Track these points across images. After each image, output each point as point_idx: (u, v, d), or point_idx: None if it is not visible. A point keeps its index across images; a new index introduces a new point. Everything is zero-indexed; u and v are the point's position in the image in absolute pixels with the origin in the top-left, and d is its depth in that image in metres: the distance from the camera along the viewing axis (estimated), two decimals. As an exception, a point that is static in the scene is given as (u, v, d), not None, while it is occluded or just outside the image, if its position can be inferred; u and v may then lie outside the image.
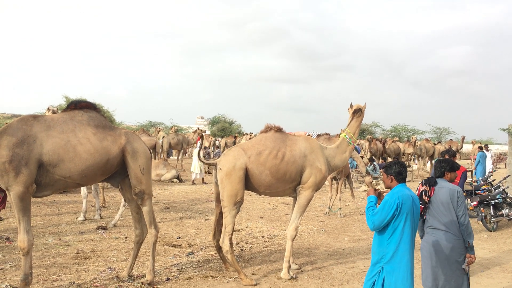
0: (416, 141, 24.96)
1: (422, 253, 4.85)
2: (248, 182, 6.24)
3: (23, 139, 4.97)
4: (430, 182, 4.81)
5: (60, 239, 8.15)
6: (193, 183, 17.82)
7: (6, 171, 4.86)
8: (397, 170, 4.34)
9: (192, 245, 8.02)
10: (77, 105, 5.63)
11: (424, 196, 4.75)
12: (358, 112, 6.98)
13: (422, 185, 4.82)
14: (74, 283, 5.80)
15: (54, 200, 12.40)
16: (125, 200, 6.28)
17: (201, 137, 17.11)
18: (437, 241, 4.70)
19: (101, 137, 5.43)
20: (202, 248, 7.82)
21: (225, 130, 46.80)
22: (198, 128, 30.39)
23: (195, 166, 17.85)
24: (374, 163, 18.90)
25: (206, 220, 10.50)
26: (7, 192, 5.07)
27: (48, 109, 9.50)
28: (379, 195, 4.45)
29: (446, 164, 4.94)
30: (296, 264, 6.91)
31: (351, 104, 7.11)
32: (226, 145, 27.69)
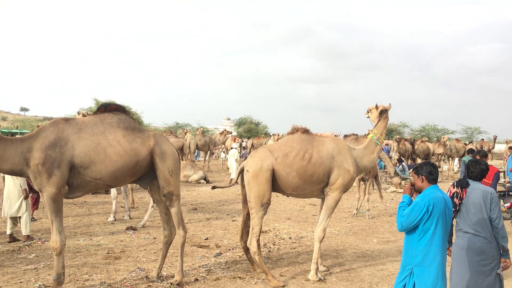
0: (446, 141, 24.45)
1: (452, 257, 4.73)
2: (275, 184, 6.23)
3: (55, 141, 5.08)
4: (462, 184, 4.68)
5: (91, 239, 8.31)
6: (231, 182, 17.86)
7: (39, 173, 4.98)
8: (428, 170, 4.25)
9: (220, 246, 8.05)
10: (107, 108, 5.74)
11: (455, 199, 4.63)
12: (384, 113, 6.94)
13: (454, 187, 4.69)
14: (105, 283, 5.91)
15: (85, 201, 12.66)
16: (153, 201, 6.36)
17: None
18: (468, 245, 4.58)
19: (131, 139, 5.51)
20: (229, 249, 7.84)
21: (252, 131, 46.91)
22: (225, 130, 30.54)
23: (232, 167, 18.05)
24: (402, 163, 18.63)
25: (233, 221, 10.53)
26: (40, 193, 5.20)
27: (79, 113, 9.71)
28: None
29: (485, 167, 4.79)
30: (324, 266, 6.86)
31: (376, 105, 7.08)
32: (252, 146, 27.71)
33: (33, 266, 6.58)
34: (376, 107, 7.04)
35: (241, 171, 6.42)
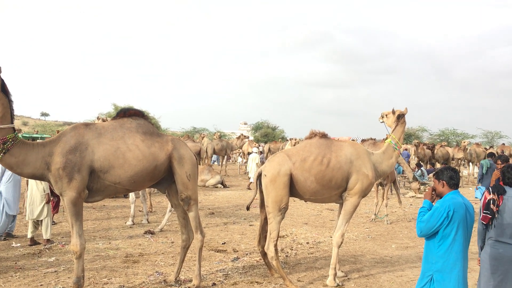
0: (467, 146, 24.10)
1: (483, 265, 4.60)
2: (293, 189, 6.22)
3: (75, 146, 5.16)
4: (499, 190, 4.50)
5: (110, 243, 8.39)
6: (248, 188, 17.87)
7: (60, 177, 5.06)
8: (449, 175, 4.20)
9: (237, 251, 8.06)
10: (126, 113, 5.80)
11: (492, 205, 4.46)
12: (402, 118, 6.93)
13: (490, 193, 4.51)
14: (123, 286, 5.96)
15: (104, 205, 12.79)
16: (171, 206, 6.40)
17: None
18: (502, 254, 4.44)
19: (149, 144, 5.56)
20: (247, 254, 7.84)
21: (268, 135, 46.90)
22: (242, 134, 30.61)
23: (253, 172, 18.13)
24: (421, 168, 18.42)
25: (250, 225, 10.53)
26: (61, 197, 5.28)
27: (98, 118, 9.84)
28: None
29: None
30: (342, 271, 6.80)
31: (393, 109, 7.06)
32: (269, 150, 27.71)
33: (53, 269, 6.67)
34: (393, 112, 7.03)
35: (259, 176, 6.42)
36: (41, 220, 8.27)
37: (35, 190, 8.28)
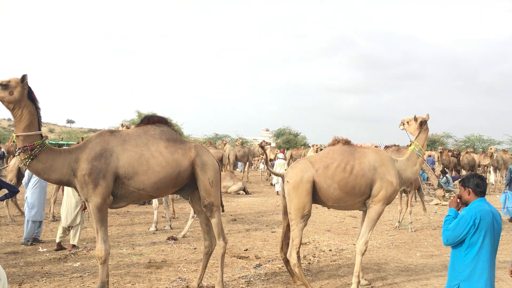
0: (493, 152, 23.59)
1: None
2: (316, 196, 6.18)
3: (101, 153, 5.24)
4: None
5: (133, 248, 8.48)
6: (278, 193, 17.88)
7: (85, 183, 5.14)
8: (476, 183, 4.12)
9: (259, 257, 8.04)
10: (150, 120, 5.87)
11: None
12: (424, 124, 6.85)
13: None
14: (147, 292, 6.00)
15: (128, 211, 12.94)
16: (194, 212, 6.43)
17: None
18: None
19: (173, 151, 5.62)
20: (269, 261, 7.82)
21: (290, 142, 46.78)
22: (263, 140, 30.64)
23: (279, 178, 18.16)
24: (446, 175, 18.12)
25: (272, 232, 10.50)
26: (86, 203, 5.36)
27: (122, 125, 9.99)
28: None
29: None
30: (365, 279, 6.72)
31: (415, 116, 6.97)
32: (291, 157, 27.65)
33: (78, 274, 6.77)
34: (415, 119, 6.93)
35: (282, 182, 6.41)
36: (73, 226, 8.39)
37: (71, 196, 8.42)
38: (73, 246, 8.32)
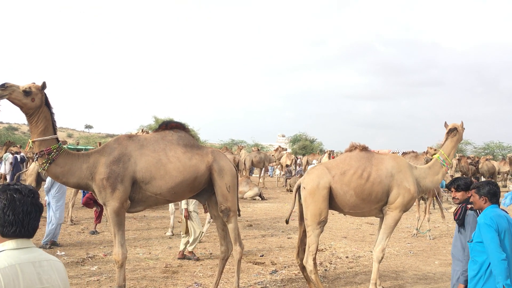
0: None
1: None
2: (332, 202, 6.14)
3: (119, 157, 5.29)
4: None
5: (150, 253, 8.52)
6: None
7: (104, 187, 5.19)
8: (492, 191, 4.09)
9: (275, 263, 8.01)
10: (167, 125, 5.92)
11: None
12: (452, 132, 6.60)
13: None
14: (163, 296, 6.02)
15: (144, 216, 13.02)
16: (211, 217, 6.44)
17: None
18: None
19: (190, 156, 5.64)
20: (285, 267, 7.78)
21: (306, 148, 46.60)
22: (280, 146, 30.58)
23: None
24: (465, 182, 17.82)
25: (288, 238, 10.45)
26: (104, 207, 5.41)
27: (142, 130, 10.08)
28: None
29: None
30: (383, 287, 6.64)
31: (445, 123, 6.76)
32: (307, 163, 27.54)
33: (95, 278, 6.82)
34: (445, 126, 6.75)
35: (298, 188, 6.38)
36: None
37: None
38: (191, 253, 8.30)
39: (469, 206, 4.45)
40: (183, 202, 8.26)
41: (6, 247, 2.00)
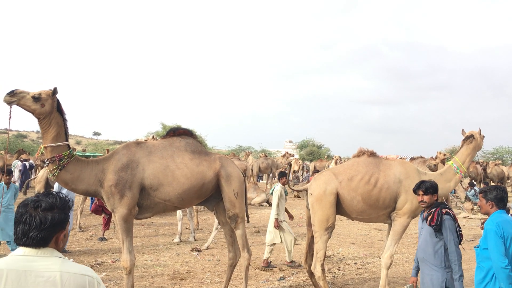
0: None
1: None
2: (340, 207, 6.12)
3: (127, 164, 5.32)
4: None
5: (158, 259, 8.53)
6: None
7: (112, 194, 5.22)
8: (499, 196, 4.09)
9: (283, 270, 7.99)
10: (175, 132, 5.95)
11: None
12: (469, 139, 6.55)
13: None
14: (171, 303, 6.02)
15: (152, 222, 13.05)
16: (219, 223, 6.45)
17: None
18: None
19: (197, 162, 5.66)
20: (293, 273, 7.76)
21: (314, 153, 46.49)
22: (287, 152, 30.57)
23: None
24: (474, 187, 17.73)
25: (296, 244, 10.41)
26: (112, 214, 5.44)
27: (153, 137, 10.14)
28: None
29: None
30: (391, 293, 6.60)
31: (462, 130, 6.72)
32: (315, 169, 27.49)
33: (104, 285, 6.83)
34: (463, 133, 6.70)
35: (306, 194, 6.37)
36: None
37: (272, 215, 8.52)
38: (292, 261, 8.42)
39: (444, 210, 4.41)
40: (273, 212, 8.37)
41: (14, 253, 2.07)
